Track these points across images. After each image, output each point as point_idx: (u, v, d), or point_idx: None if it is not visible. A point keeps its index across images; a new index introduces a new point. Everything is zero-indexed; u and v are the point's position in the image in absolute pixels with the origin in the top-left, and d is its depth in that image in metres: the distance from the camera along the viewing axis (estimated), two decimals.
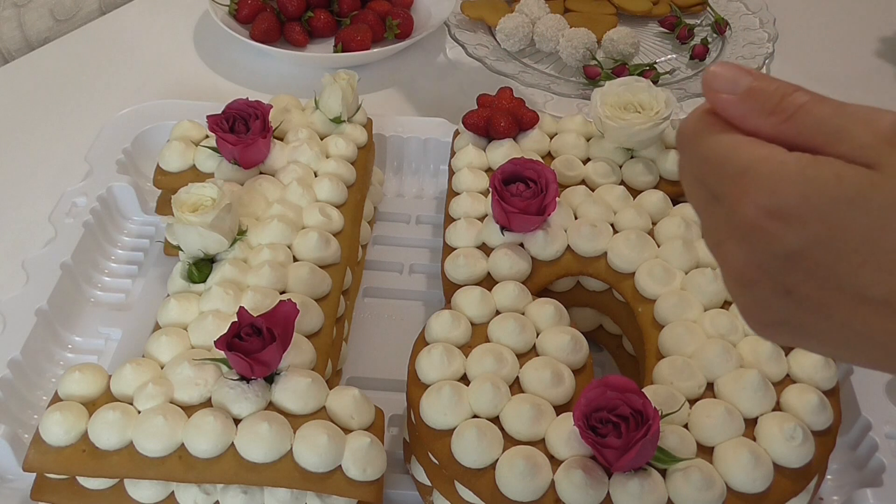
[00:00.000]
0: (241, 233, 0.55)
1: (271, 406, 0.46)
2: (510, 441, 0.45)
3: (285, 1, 0.89)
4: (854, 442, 0.54)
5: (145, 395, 0.46)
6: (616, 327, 0.59)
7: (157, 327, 0.52)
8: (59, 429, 0.45)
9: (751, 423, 0.46)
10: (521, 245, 0.56)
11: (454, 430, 0.45)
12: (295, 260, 0.55)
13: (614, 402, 0.42)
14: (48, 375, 0.58)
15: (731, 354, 0.48)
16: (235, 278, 0.53)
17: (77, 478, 0.47)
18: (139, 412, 0.46)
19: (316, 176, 0.61)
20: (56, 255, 0.61)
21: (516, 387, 0.48)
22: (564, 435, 0.44)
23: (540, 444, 0.45)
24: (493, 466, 0.44)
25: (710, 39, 0.91)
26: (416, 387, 0.48)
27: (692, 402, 0.47)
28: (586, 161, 0.63)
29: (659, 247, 0.56)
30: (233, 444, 0.45)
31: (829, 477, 0.53)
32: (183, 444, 0.45)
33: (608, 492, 0.43)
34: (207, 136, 0.64)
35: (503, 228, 0.56)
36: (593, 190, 0.61)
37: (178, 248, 0.54)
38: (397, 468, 0.53)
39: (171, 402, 0.46)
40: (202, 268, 0.54)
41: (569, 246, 0.56)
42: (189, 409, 0.46)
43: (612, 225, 0.57)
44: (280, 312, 0.47)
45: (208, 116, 0.60)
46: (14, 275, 0.60)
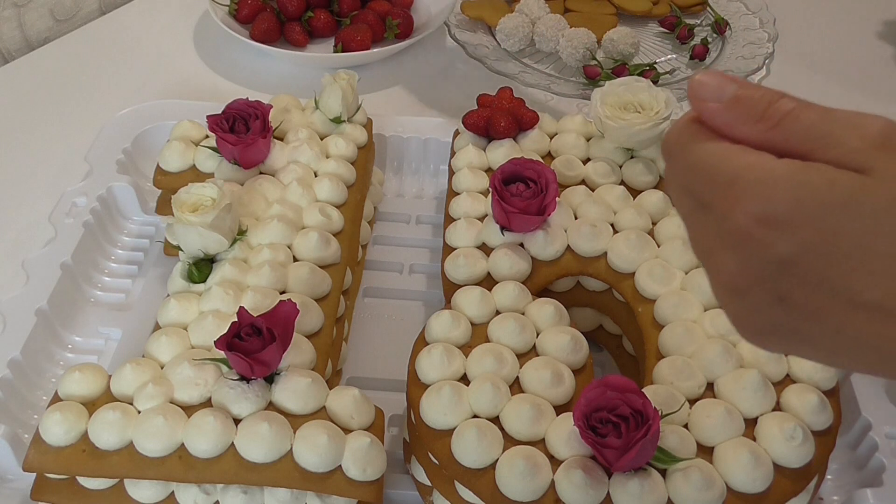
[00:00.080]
0: (241, 233, 0.55)
1: (271, 406, 0.46)
2: (510, 441, 0.45)
3: (285, 1, 0.89)
4: (854, 442, 0.54)
5: (145, 395, 0.46)
6: (616, 327, 0.59)
7: (157, 327, 0.52)
8: (59, 429, 0.45)
9: (751, 423, 0.46)
10: (521, 245, 0.56)
11: (454, 430, 0.45)
12: (295, 260, 0.55)
13: (614, 402, 0.42)
14: (48, 375, 0.58)
15: (731, 354, 0.48)
16: (235, 278, 0.53)
17: (77, 478, 0.47)
18: (139, 412, 0.46)
19: (316, 176, 0.61)
20: (56, 255, 0.61)
21: (516, 387, 0.48)
22: (564, 435, 0.44)
23: (540, 444, 0.45)
24: (493, 466, 0.44)
25: (710, 39, 0.91)
26: (416, 387, 0.48)
27: (692, 402, 0.47)
28: (586, 161, 0.63)
29: (659, 247, 0.56)
30: (233, 444, 0.45)
31: (829, 477, 0.53)
32: (183, 444, 0.45)
33: (608, 492, 0.43)
34: (207, 136, 0.64)
35: (503, 228, 0.56)
36: (593, 190, 0.61)
37: (178, 248, 0.54)
38: (397, 468, 0.53)
39: (171, 402, 0.46)
40: (202, 268, 0.54)
41: (569, 246, 0.56)
42: (189, 409, 0.46)
43: (612, 225, 0.57)
44: (280, 312, 0.47)
45: (208, 116, 0.60)
46: (14, 275, 0.60)
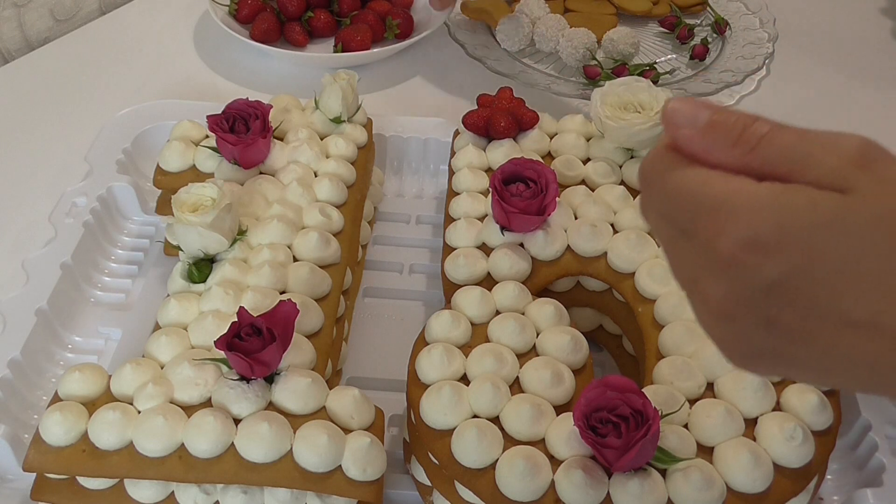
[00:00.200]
0: (241, 233, 0.55)
1: (271, 406, 0.46)
2: (510, 441, 0.45)
3: (285, 1, 0.89)
4: (854, 442, 0.54)
5: (145, 395, 0.46)
6: (616, 327, 0.59)
7: (157, 327, 0.52)
8: (59, 429, 0.45)
9: (751, 423, 0.46)
10: (521, 245, 0.56)
11: (454, 430, 0.45)
12: (295, 260, 0.55)
13: (614, 402, 0.42)
14: (48, 375, 0.58)
15: None
16: (235, 278, 0.53)
17: (77, 478, 0.47)
18: (139, 412, 0.46)
19: (316, 176, 0.61)
20: (56, 255, 0.61)
21: (516, 387, 0.48)
22: (564, 435, 0.44)
23: (540, 444, 0.45)
24: (493, 466, 0.44)
25: (710, 39, 0.91)
26: (416, 387, 0.48)
27: (692, 402, 0.47)
28: (586, 161, 0.63)
29: (659, 247, 0.56)
30: (233, 444, 0.45)
31: (829, 477, 0.53)
32: (183, 444, 0.45)
33: (608, 492, 0.43)
34: (207, 136, 0.64)
35: (503, 228, 0.56)
36: (593, 190, 0.61)
37: (178, 248, 0.54)
38: (397, 468, 0.53)
39: (171, 402, 0.46)
40: (202, 268, 0.54)
41: (569, 246, 0.56)
42: (189, 409, 0.46)
43: (612, 225, 0.57)
44: (280, 312, 0.47)
45: (208, 116, 0.60)
46: (14, 275, 0.60)
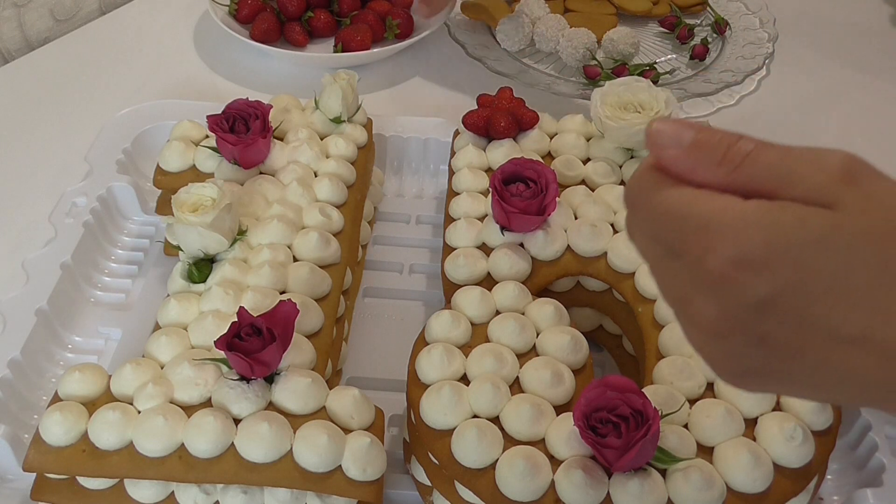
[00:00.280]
0: (241, 233, 0.55)
1: (271, 406, 0.46)
2: (510, 441, 0.45)
3: (285, 1, 0.89)
4: (854, 442, 0.54)
5: (145, 395, 0.46)
6: (616, 327, 0.59)
7: (157, 327, 0.52)
8: (59, 429, 0.45)
9: (751, 423, 0.46)
10: (521, 245, 0.56)
11: (454, 430, 0.45)
12: (295, 260, 0.55)
13: (614, 402, 0.42)
14: (48, 375, 0.58)
15: None
16: (235, 278, 0.53)
17: (77, 478, 0.47)
18: (139, 412, 0.46)
19: (316, 176, 0.61)
20: (56, 255, 0.61)
21: (516, 387, 0.48)
22: (564, 435, 0.44)
23: (540, 444, 0.45)
24: (493, 466, 0.44)
25: (710, 39, 0.91)
26: (416, 387, 0.48)
27: (692, 402, 0.47)
28: (586, 161, 0.63)
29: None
30: (233, 444, 0.45)
31: (829, 477, 0.53)
32: (183, 444, 0.45)
33: (608, 492, 0.43)
34: (207, 136, 0.64)
35: (503, 228, 0.56)
36: (593, 190, 0.61)
37: (178, 248, 0.54)
38: (397, 468, 0.53)
39: (171, 402, 0.46)
40: (202, 268, 0.54)
41: (569, 246, 0.56)
42: (189, 409, 0.46)
43: (612, 225, 0.57)
44: (280, 312, 0.47)
45: (208, 116, 0.60)
46: (14, 275, 0.60)
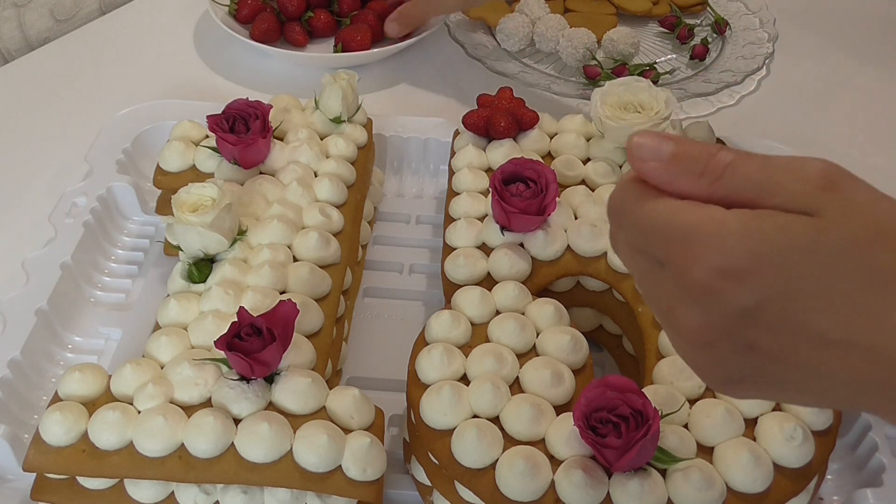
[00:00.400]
0: (241, 233, 0.55)
1: (271, 406, 0.46)
2: (510, 441, 0.45)
3: (285, 1, 0.89)
4: (854, 442, 0.54)
5: (145, 395, 0.46)
6: (616, 327, 0.59)
7: (157, 327, 0.52)
8: (59, 429, 0.45)
9: (751, 423, 0.46)
10: (521, 245, 0.56)
11: (454, 430, 0.45)
12: (295, 260, 0.55)
13: (614, 402, 0.42)
14: (48, 375, 0.58)
15: None
16: (235, 278, 0.53)
17: (77, 478, 0.47)
18: (139, 412, 0.46)
19: (316, 176, 0.61)
20: (56, 255, 0.61)
21: (516, 387, 0.48)
22: (564, 435, 0.44)
23: (540, 444, 0.45)
24: (493, 466, 0.44)
25: (710, 39, 0.91)
26: (416, 387, 0.48)
27: (692, 402, 0.47)
28: (586, 161, 0.63)
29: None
30: (233, 444, 0.45)
31: (829, 477, 0.53)
32: (183, 444, 0.45)
33: (608, 492, 0.43)
34: (207, 136, 0.64)
35: (503, 228, 0.56)
36: (593, 190, 0.61)
37: (178, 248, 0.54)
38: (397, 468, 0.53)
39: (171, 402, 0.46)
40: (202, 268, 0.54)
41: (569, 246, 0.56)
42: (189, 409, 0.46)
43: None
44: (280, 312, 0.47)
45: (208, 116, 0.60)
46: (14, 275, 0.60)
